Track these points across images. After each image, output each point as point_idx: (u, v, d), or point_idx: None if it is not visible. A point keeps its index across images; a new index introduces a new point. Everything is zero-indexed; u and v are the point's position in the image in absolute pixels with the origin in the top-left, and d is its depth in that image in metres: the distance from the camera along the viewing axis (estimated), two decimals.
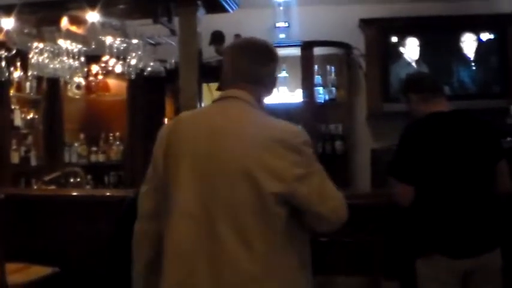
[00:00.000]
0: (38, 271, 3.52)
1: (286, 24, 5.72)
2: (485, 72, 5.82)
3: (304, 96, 5.56)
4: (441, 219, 2.81)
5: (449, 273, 2.78)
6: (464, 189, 2.84)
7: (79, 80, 5.37)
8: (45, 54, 4.08)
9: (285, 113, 5.76)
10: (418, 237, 2.89)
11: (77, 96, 5.94)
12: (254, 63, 2.06)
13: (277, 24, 5.71)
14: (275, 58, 2.13)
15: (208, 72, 3.88)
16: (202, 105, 4.09)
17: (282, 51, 5.60)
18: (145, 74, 4.32)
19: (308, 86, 5.56)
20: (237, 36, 3.95)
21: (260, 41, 2.15)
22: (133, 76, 4.33)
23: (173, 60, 4.31)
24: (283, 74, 5.73)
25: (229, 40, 4.33)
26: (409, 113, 3.19)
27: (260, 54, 2.09)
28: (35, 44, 4.15)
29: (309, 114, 5.51)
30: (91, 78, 5.94)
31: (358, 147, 5.88)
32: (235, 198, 1.85)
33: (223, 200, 1.86)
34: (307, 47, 5.50)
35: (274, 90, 2.19)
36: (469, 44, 5.85)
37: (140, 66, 4.23)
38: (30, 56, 4.19)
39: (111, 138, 6.21)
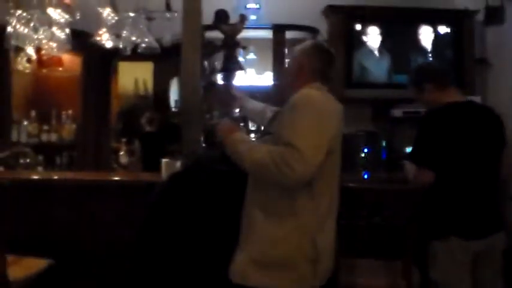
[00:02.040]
0: (35, 264, 3.24)
1: (258, 6, 5.64)
2: (440, 64, 6.03)
3: (274, 79, 5.52)
4: (458, 202, 2.99)
5: (464, 254, 2.96)
6: (478, 174, 3.05)
7: (30, 52, 5.01)
8: (31, 24, 3.74)
9: (253, 95, 5.72)
10: (435, 220, 3.02)
11: (27, 71, 5.55)
12: None
13: (248, 6, 5.61)
14: None
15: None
16: None
17: (252, 33, 5.62)
18: (139, 50, 4.07)
19: (279, 69, 5.52)
20: (242, 16, 3.85)
21: None
22: (128, 52, 4.08)
23: (169, 37, 4.08)
24: (251, 56, 5.68)
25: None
26: (421, 102, 3.33)
27: None
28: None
29: (278, 93, 5.49)
30: (43, 51, 5.57)
31: None
32: None
33: None
34: (279, 30, 5.45)
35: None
36: (426, 36, 6.05)
37: (134, 39, 3.96)
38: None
39: (63, 116, 5.86)
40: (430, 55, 6.02)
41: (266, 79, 5.65)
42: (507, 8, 6.00)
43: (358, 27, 5.92)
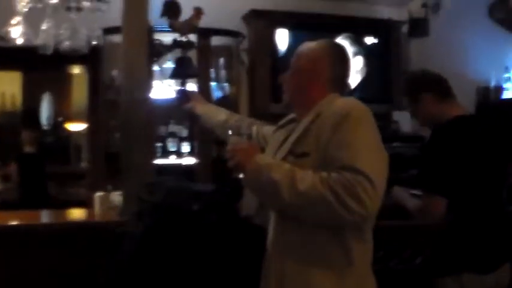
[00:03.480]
0: None
1: None
2: (367, 77, 5.65)
3: (199, 92, 4.73)
4: (471, 232, 2.50)
5: None
6: (492, 200, 2.59)
7: None
8: None
9: (174, 110, 4.89)
10: (445, 254, 2.51)
11: None
12: None
13: None
14: None
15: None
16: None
17: (168, 38, 4.83)
18: (61, 50, 3.04)
19: (205, 81, 4.75)
20: (198, 10, 3.08)
21: None
22: (49, 51, 3.00)
23: (97, 33, 3.05)
24: (168, 65, 4.87)
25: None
26: (415, 115, 2.81)
27: None
28: None
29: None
30: None
31: None
32: None
33: None
34: (205, 34, 4.69)
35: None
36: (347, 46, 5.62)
37: (60, 34, 2.92)
38: None
39: None
40: None
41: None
42: (431, 20, 5.75)
43: (284, 33, 5.34)
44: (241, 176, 1.85)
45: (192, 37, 4.58)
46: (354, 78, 5.52)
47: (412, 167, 5.23)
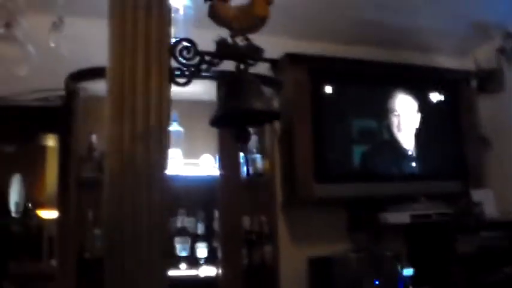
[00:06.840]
0: None
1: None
2: (433, 144, 4.02)
3: (222, 168, 3.06)
4: None
5: None
6: None
7: None
8: None
9: (183, 192, 3.17)
10: None
11: None
12: None
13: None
14: None
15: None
16: None
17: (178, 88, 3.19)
18: None
19: (230, 152, 3.07)
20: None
21: None
22: None
23: None
24: (175, 127, 3.19)
25: None
26: None
27: None
28: None
29: (227, 197, 3.01)
30: None
31: (286, 251, 3.49)
32: None
33: None
34: None
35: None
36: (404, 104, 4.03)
37: None
38: None
39: None
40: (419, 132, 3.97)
41: (204, 168, 3.17)
42: (506, 71, 4.22)
43: (328, 89, 3.73)
44: None
45: (202, 85, 2.94)
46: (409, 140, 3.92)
47: (506, 264, 3.64)
